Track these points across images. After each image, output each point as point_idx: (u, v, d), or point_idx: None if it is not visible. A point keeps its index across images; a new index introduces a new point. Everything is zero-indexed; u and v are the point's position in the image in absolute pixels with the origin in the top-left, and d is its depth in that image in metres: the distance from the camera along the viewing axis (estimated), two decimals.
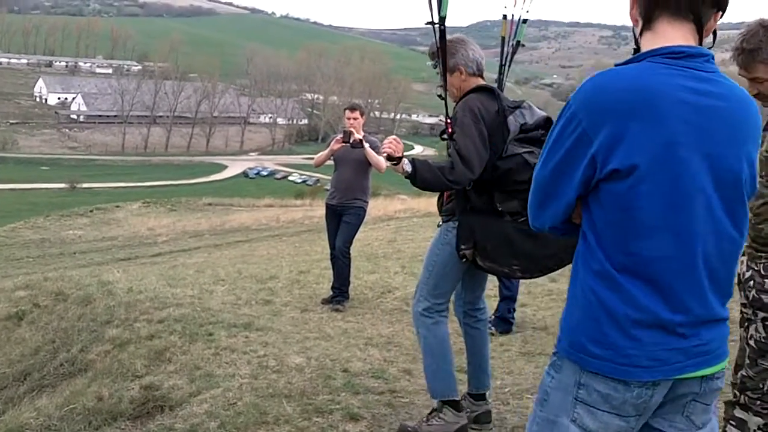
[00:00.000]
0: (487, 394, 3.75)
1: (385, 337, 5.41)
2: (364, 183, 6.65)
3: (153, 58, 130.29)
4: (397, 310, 6.40)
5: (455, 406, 3.50)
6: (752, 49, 2.56)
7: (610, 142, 1.57)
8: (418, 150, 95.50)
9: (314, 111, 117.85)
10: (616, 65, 1.67)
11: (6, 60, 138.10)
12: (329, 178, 7.01)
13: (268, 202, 35.51)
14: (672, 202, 1.58)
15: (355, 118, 6.44)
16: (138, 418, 3.93)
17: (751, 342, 2.72)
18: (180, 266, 10.82)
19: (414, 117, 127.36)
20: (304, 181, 72.70)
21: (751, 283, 2.73)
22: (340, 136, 6.34)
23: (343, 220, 6.60)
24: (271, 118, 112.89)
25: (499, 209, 3.24)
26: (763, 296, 2.66)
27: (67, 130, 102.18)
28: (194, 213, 30.00)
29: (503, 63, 3.74)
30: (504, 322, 5.66)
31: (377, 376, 4.37)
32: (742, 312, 2.81)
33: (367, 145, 6.29)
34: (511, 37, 3.71)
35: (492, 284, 6.36)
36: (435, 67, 3.42)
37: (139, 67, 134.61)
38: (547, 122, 3.39)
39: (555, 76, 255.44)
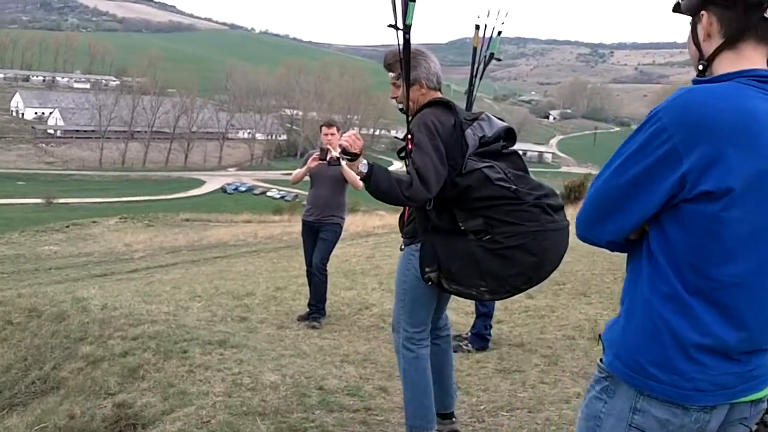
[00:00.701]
0: (454, 411, 3.71)
1: (362, 354, 5.40)
2: (341, 200, 6.67)
3: (131, 73, 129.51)
4: (374, 326, 6.39)
5: None
6: None
7: (704, 162, 1.50)
8: (396, 166, 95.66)
9: (293, 127, 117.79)
10: (695, 81, 1.64)
11: None
12: (307, 194, 7.02)
13: (246, 217, 35.33)
14: (757, 230, 1.54)
15: (332, 134, 6.44)
16: None
17: None
18: (156, 282, 10.72)
19: (393, 133, 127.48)
20: (282, 197, 72.61)
21: None
22: (317, 153, 6.34)
23: (319, 236, 6.61)
24: (249, 133, 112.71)
25: (462, 228, 3.08)
26: None
27: (44, 144, 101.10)
28: (172, 229, 29.77)
29: (474, 75, 3.66)
30: (480, 338, 5.67)
31: (353, 394, 4.35)
32: None
33: (344, 163, 6.28)
34: (483, 49, 3.63)
35: (470, 301, 6.38)
36: (398, 78, 3.26)
37: (118, 82, 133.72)
38: (508, 132, 3.27)
39: (533, 93, 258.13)
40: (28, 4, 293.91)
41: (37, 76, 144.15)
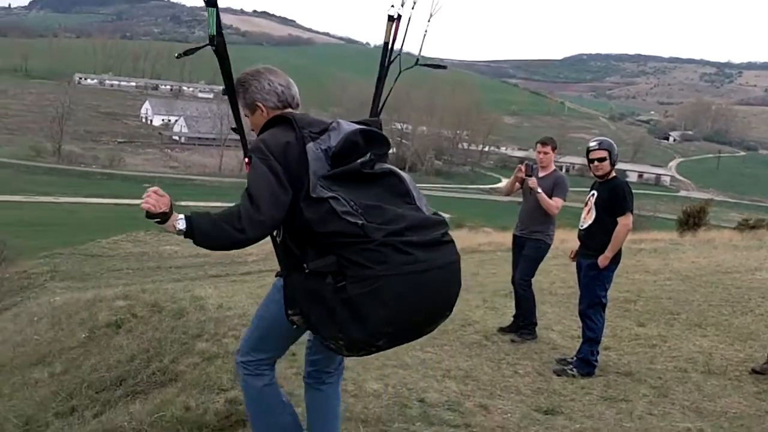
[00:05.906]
0: None
1: (463, 371, 5.41)
2: (546, 217, 6.47)
3: None
4: (476, 344, 6.38)
5: None
6: None
7: None
8: (504, 183, 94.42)
9: (402, 140, 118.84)
10: None
11: (117, 83, 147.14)
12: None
13: None
14: None
15: (545, 153, 6.54)
16: (221, 431, 4.08)
17: None
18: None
19: (502, 150, 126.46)
20: None
21: None
22: (524, 165, 6.47)
23: (522, 252, 6.58)
24: None
25: (308, 268, 2.56)
26: None
27: (169, 150, 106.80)
28: None
29: (383, 75, 3.27)
30: (586, 364, 5.55)
31: (453, 409, 4.36)
32: None
33: (539, 190, 6.28)
34: (397, 44, 3.22)
35: (576, 324, 6.27)
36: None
37: None
38: (367, 137, 2.74)
39: (652, 112, 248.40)
40: (159, 17, 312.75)
41: (165, 86, 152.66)
